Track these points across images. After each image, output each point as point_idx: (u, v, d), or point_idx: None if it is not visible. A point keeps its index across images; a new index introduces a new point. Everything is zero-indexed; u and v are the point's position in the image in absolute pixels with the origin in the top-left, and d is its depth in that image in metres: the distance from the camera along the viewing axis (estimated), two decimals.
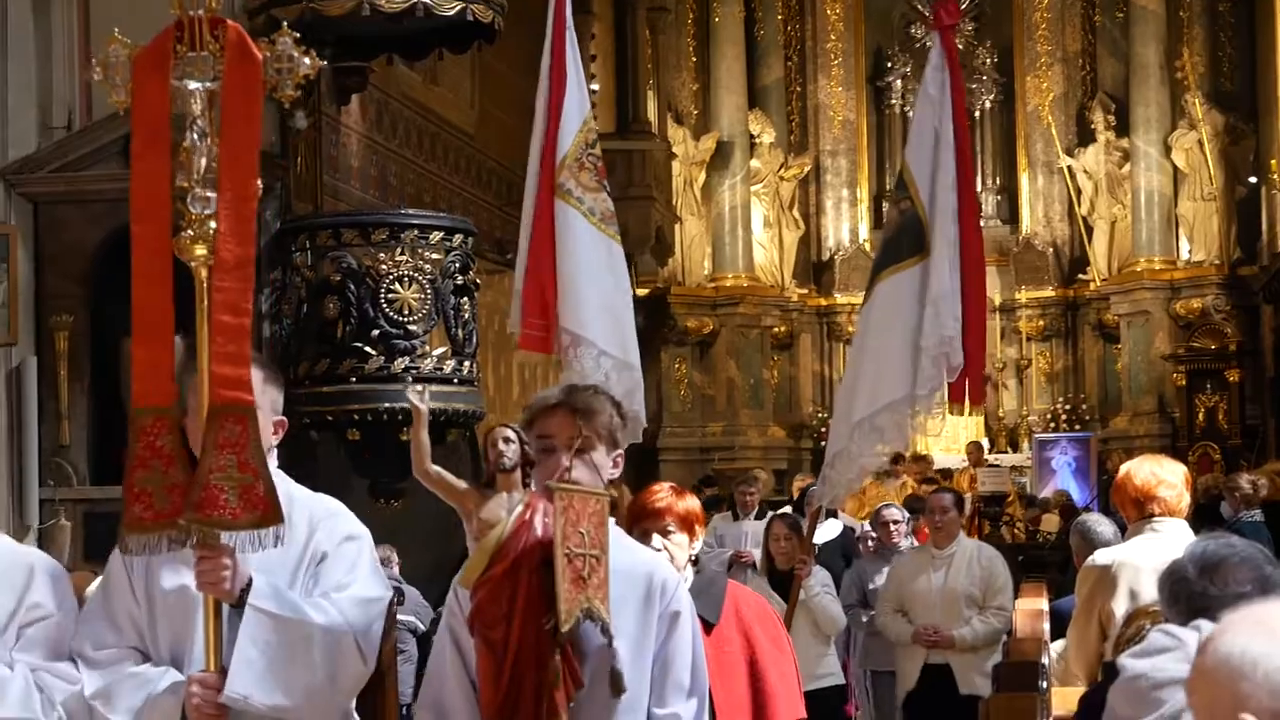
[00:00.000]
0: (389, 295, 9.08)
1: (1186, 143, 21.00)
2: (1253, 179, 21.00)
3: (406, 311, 9.11)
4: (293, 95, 3.67)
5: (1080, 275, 22.19)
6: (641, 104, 19.98)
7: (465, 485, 4.65)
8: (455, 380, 9.34)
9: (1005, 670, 6.32)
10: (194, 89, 3.60)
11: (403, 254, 9.12)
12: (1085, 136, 22.18)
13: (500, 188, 15.04)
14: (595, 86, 17.98)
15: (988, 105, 22.81)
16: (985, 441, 20.76)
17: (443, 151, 14.02)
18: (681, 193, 21.77)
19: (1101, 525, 6.81)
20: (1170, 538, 5.23)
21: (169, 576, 3.66)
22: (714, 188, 22.13)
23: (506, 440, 3.86)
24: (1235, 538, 3.58)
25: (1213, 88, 21.28)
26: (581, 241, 6.80)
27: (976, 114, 22.00)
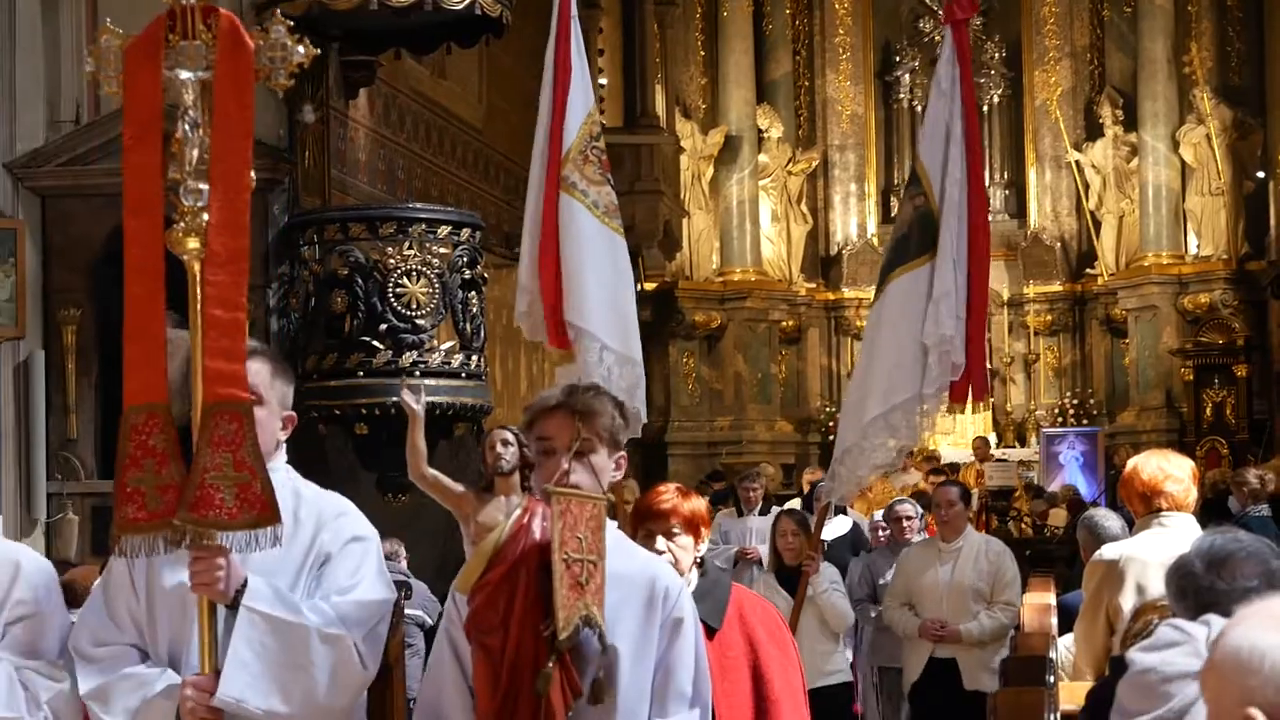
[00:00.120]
0: (397, 289, 9.08)
1: (1194, 137, 20.95)
2: (1260, 174, 20.98)
3: (414, 306, 9.11)
4: (286, 84, 3.56)
5: (1088, 270, 22.12)
6: (649, 98, 19.95)
7: (462, 488, 4.48)
8: (463, 375, 9.34)
9: (1013, 664, 6.29)
10: (186, 79, 3.49)
11: (410, 248, 9.12)
12: (1093, 131, 22.13)
13: (508, 182, 15.02)
14: (603, 81, 18.00)
15: (996, 100, 22.75)
16: (993, 436, 20.74)
17: (450, 146, 14.01)
18: (689, 187, 21.72)
19: (1109, 520, 6.78)
20: (1178, 532, 5.23)
21: (169, 574, 3.57)
22: (722, 182, 22.09)
23: (505, 443, 3.76)
24: (1242, 532, 3.58)
25: (1221, 82, 21.25)
26: (585, 234, 6.79)
27: (985, 108, 21.91)
